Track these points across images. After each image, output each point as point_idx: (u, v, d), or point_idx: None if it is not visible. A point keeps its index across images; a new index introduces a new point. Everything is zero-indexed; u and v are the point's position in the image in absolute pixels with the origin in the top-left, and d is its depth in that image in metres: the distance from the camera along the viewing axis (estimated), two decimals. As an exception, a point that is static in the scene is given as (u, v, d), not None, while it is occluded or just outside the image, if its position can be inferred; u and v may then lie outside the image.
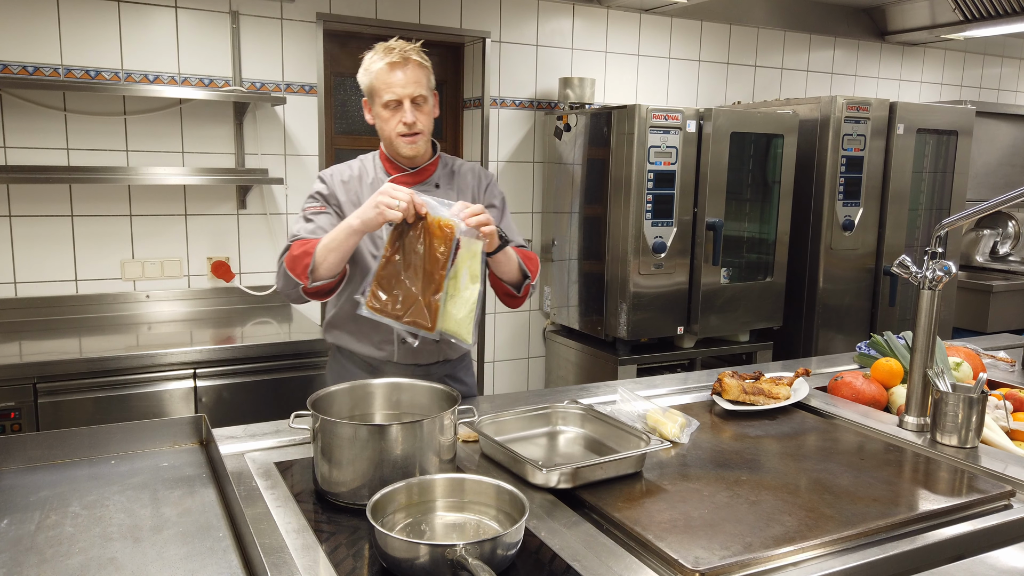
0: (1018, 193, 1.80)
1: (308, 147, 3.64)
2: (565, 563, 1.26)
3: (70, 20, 3.13)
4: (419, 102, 1.98)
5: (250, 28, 3.44)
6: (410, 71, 1.96)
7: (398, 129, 1.99)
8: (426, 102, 2.00)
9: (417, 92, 1.97)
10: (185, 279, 3.47)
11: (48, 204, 3.20)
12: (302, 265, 1.91)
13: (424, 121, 2.00)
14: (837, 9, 4.96)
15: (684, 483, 1.57)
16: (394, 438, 1.45)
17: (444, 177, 2.14)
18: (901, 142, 4.03)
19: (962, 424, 1.78)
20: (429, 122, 2.03)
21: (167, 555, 1.28)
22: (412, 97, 1.97)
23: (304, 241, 1.96)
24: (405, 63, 1.95)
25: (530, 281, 2.06)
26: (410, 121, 1.97)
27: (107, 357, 2.70)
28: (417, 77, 1.96)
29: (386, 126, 2.01)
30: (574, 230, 3.97)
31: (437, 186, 2.11)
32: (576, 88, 3.99)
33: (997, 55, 5.83)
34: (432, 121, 2.04)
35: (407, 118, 1.96)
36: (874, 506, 1.47)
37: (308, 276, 1.91)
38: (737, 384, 2.08)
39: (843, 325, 4.11)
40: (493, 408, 1.97)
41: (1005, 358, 2.61)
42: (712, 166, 3.61)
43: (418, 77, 1.97)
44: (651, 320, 3.67)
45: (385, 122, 2.01)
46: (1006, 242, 5.50)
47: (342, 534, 1.36)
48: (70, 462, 1.65)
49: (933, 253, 1.87)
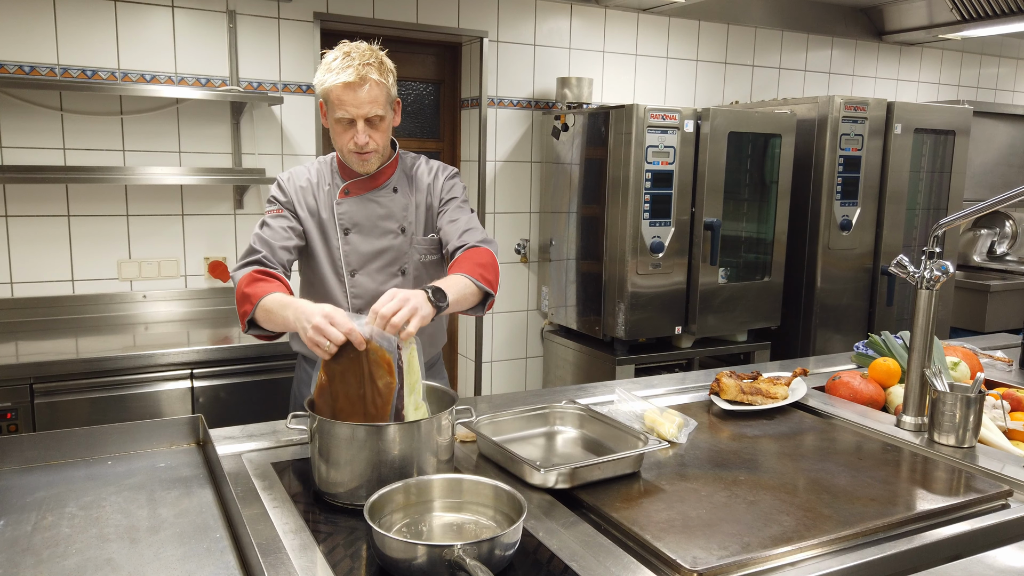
0: (1015, 193, 1.80)
1: (305, 147, 3.63)
2: (563, 563, 1.26)
3: (66, 19, 3.12)
4: (374, 121, 1.91)
5: (247, 28, 3.43)
6: (366, 92, 1.86)
7: (349, 147, 1.93)
8: (382, 120, 1.92)
9: (372, 112, 1.88)
10: (182, 279, 3.46)
11: (44, 204, 3.19)
12: (242, 310, 1.83)
13: (378, 138, 1.93)
14: (835, 9, 4.96)
15: (682, 483, 1.57)
16: (392, 438, 1.45)
17: (401, 180, 2.07)
18: (898, 142, 4.04)
19: (959, 424, 1.78)
20: (384, 138, 1.96)
21: (164, 556, 1.27)
22: (367, 117, 1.89)
23: (255, 278, 1.84)
24: (362, 83, 1.85)
25: (492, 297, 1.89)
26: (362, 143, 1.91)
27: (104, 357, 2.70)
28: (373, 96, 1.87)
29: (339, 139, 1.95)
30: (572, 230, 3.96)
31: (395, 190, 2.05)
32: (574, 88, 3.99)
33: (994, 55, 5.84)
34: (388, 135, 1.97)
35: (359, 139, 1.90)
36: (872, 506, 1.47)
37: (246, 324, 1.83)
38: (735, 384, 2.08)
39: (841, 325, 4.11)
40: (491, 408, 1.97)
41: (1002, 357, 2.61)
42: (710, 166, 3.62)
43: (374, 96, 1.87)
44: (649, 320, 3.67)
45: (338, 136, 1.94)
46: (1003, 242, 5.50)
47: (340, 535, 1.36)
48: (67, 463, 1.64)
49: (930, 253, 1.87)
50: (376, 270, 2.03)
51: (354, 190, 2.02)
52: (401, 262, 2.05)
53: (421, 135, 4.21)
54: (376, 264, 2.03)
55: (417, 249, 2.06)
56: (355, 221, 2.01)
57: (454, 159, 4.28)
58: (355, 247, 2.01)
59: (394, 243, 2.03)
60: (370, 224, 2.02)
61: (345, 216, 2.01)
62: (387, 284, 2.01)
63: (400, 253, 2.04)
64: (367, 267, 2.02)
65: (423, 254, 2.07)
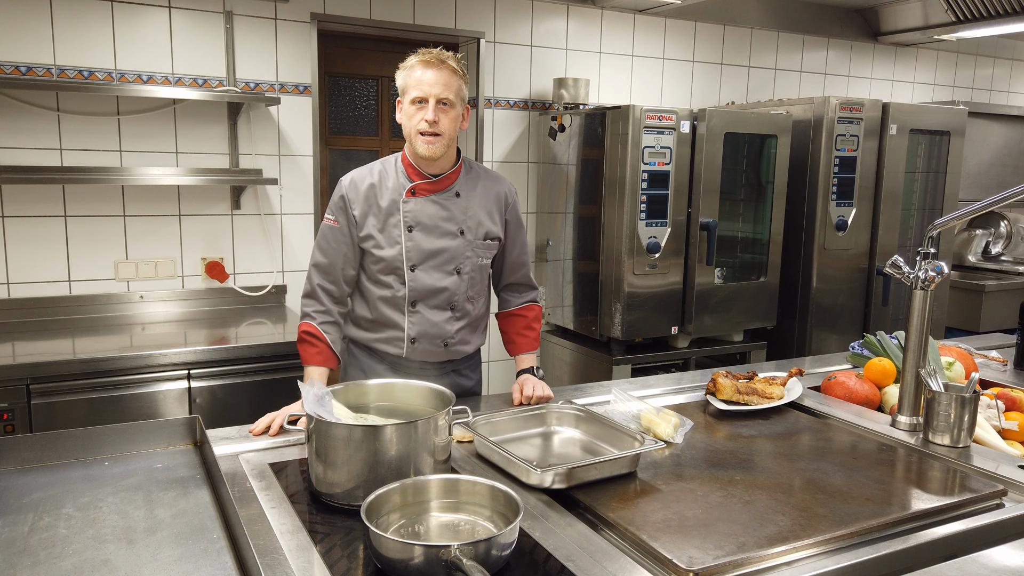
0: (1010, 193, 1.81)
1: (302, 147, 3.63)
2: (559, 563, 1.27)
3: (63, 20, 3.11)
4: (445, 104, 2.00)
5: (244, 28, 3.43)
6: (442, 73, 1.99)
7: (419, 126, 2.01)
8: (453, 107, 2.02)
9: (444, 94, 1.99)
10: (179, 279, 3.46)
11: (41, 204, 3.18)
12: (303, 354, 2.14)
13: (446, 124, 2.01)
14: (830, 10, 4.98)
15: (678, 483, 1.57)
16: (388, 439, 1.45)
17: (465, 186, 2.16)
18: (894, 142, 4.05)
19: (954, 423, 1.78)
20: (452, 127, 2.03)
21: (161, 557, 1.27)
22: (438, 97, 1.99)
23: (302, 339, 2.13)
24: (439, 64, 1.99)
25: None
26: (431, 119, 1.99)
27: (101, 358, 2.69)
28: (447, 80, 1.99)
29: (409, 121, 2.04)
30: (568, 230, 3.97)
31: (458, 195, 2.13)
32: (570, 88, 4.00)
33: (989, 56, 5.86)
34: (456, 127, 2.05)
35: (428, 116, 1.98)
36: (867, 505, 1.47)
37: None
38: (731, 384, 2.09)
39: (836, 325, 4.12)
40: (488, 408, 1.97)
41: (997, 357, 2.62)
42: (706, 166, 3.62)
43: (448, 80, 1.99)
44: (645, 320, 3.67)
45: (409, 117, 2.03)
46: (998, 242, 5.52)
47: (337, 535, 1.36)
48: (63, 463, 1.64)
49: (926, 253, 1.88)
50: (433, 267, 2.12)
51: (420, 191, 2.11)
52: (457, 262, 2.13)
53: (418, 135, 4.21)
54: (434, 262, 2.12)
55: (475, 252, 2.16)
56: (419, 220, 2.10)
57: (451, 159, 4.28)
58: (417, 244, 2.10)
59: (452, 244, 2.12)
60: (432, 224, 2.11)
61: (410, 214, 2.10)
62: (443, 281, 2.12)
63: (457, 254, 2.13)
64: (426, 264, 2.11)
65: (479, 256, 2.17)
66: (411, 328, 2.13)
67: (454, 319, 2.15)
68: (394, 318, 2.13)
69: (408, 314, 2.12)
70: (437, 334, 2.14)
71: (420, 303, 2.12)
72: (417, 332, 2.13)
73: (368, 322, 2.18)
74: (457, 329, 2.16)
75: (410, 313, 2.12)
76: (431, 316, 2.12)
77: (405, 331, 2.13)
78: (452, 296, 2.13)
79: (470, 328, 2.21)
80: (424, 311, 2.12)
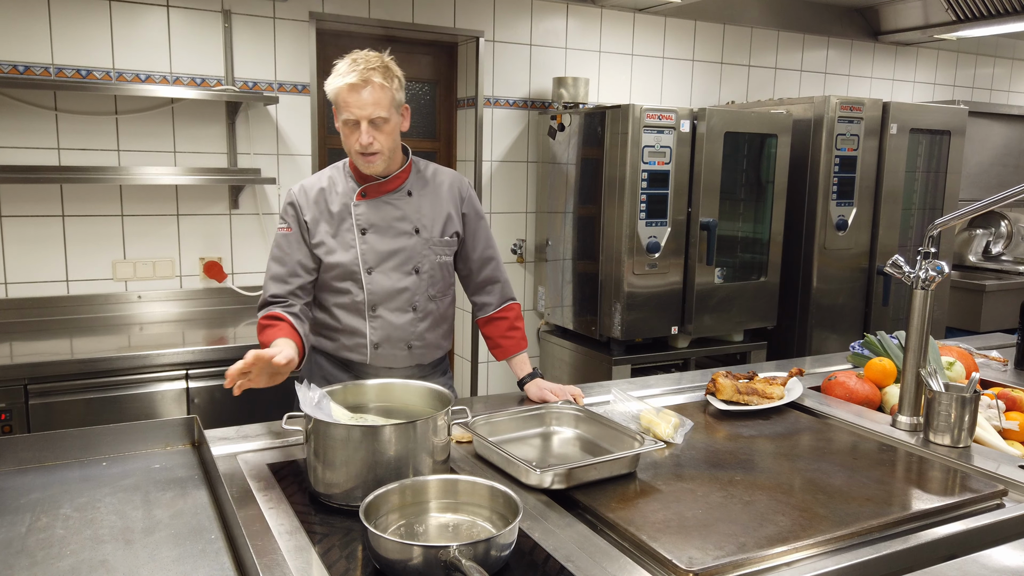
0: (1010, 193, 1.81)
1: (301, 147, 3.62)
2: (559, 564, 1.26)
3: (61, 19, 3.11)
4: (378, 123, 1.97)
5: (242, 27, 3.43)
6: (369, 93, 1.93)
7: (355, 148, 2.00)
8: (387, 122, 1.98)
9: (375, 114, 1.95)
10: (177, 279, 3.45)
11: (39, 204, 3.18)
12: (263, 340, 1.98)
13: (383, 140, 1.99)
14: (831, 9, 4.97)
15: (678, 483, 1.57)
16: (387, 439, 1.45)
17: (416, 184, 2.15)
18: (894, 142, 4.05)
19: (955, 423, 1.78)
20: (390, 140, 2.01)
21: (159, 557, 1.27)
22: (370, 118, 1.95)
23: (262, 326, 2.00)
24: (364, 85, 1.93)
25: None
26: (365, 143, 1.97)
27: (99, 358, 2.69)
28: (376, 99, 1.94)
29: (346, 141, 2.03)
30: (568, 230, 3.96)
31: (409, 193, 2.12)
32: (570, 88, 3.99)
33: (989, 55, 5.86)
34: (395, 137, 2.04)
35: (363, 139, 1.96)
36: (867, 506, 1.47)
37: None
38: (731, 384, 2.08)
39: (837, 325, 4.12)
40: (487, 409, 1.97)
41: (998, 357, 2.62)
42: (706, 166, 3.62)
43: (377, 99, 1.94)
44: (645, 320, 3.67)
45: (345, 138, 2.02)
46: (999, 242, 5.52)
47: (335, 535, 1.35)
48: (61, 464, 1.64)
49: (926, 253, 1.88)
50: (391, 268, 2.10)
51: (371, 193, 2.09)
52: (415, 261, 2.11)
53: (417, 135, 4.21)
54: (391, 263, 2.10)
55: (433, 250, 2.13)
56: (372, 222, 2.08)
57: (450, 159, 4.27)
58: (372, 246, 2.08)
59: (408, 243, 2.10)
60: (386, 225, 2.09)
61: (363, 217, 2.08)
62: (402, 282, 2.10)
63: (414, 253, 2.11)
64: (383, 265, 2.09)
65: (438, 254, 2.15)
66: (373, 333, 2.10)
67: (417, 320, 2.12)
68: (355, 325, 2.10)
69: (369, 319, 2.09)
70: (400, 337, 2.11)
71: (380, 306, 2.09)
72: (380, 337, 2.10)
73: (330, 331, 2.14)
74: (421, 330, 2.13)
75: (371, 318, 2.09)
76: (393, 319, 2.10)
77: (368, 336, 2.10)
78: (413, 296, 2.10)
79: (433, 327, 2.17)
80: (385, 314, 2.09)
